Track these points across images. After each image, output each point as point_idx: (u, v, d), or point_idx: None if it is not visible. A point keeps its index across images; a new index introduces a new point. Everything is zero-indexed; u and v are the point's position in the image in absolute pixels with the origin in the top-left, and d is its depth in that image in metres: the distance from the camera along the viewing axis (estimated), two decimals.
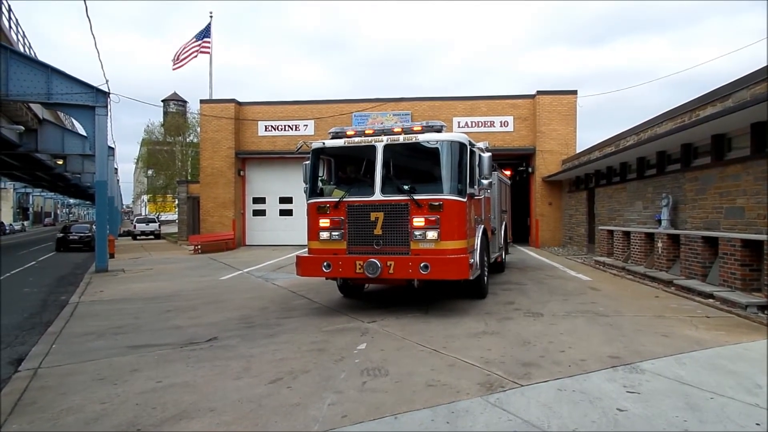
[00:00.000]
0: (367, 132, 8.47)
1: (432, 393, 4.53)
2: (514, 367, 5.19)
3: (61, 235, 28.04)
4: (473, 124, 23.19)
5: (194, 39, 28.74)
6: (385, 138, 8.13)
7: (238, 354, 6.01)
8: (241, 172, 24.97)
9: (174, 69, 28.92)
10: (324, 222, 8.14)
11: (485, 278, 9.26)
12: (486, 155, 8.52)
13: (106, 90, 16.42)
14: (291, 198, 24.53)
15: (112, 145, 32.71)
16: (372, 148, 8.10)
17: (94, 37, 22.11)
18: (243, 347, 6.32)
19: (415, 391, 4.59)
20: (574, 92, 22.71)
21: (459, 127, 22.90)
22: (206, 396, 4.63)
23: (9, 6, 20.75)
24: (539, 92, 22.71)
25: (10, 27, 20.97)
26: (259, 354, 5.98)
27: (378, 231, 7.79)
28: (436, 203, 7.57)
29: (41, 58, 19.12)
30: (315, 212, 8.28)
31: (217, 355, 5.99)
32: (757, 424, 3.76)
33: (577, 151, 21.60)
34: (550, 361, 5.38)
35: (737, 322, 7.09)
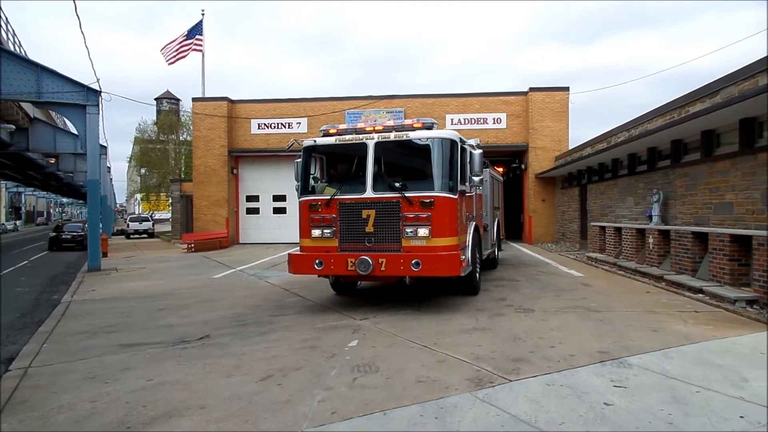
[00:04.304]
0: (358, 129, 8.48)
1: (422, 389, 4.56)
2: (504, 363, 5.23)
3: (54, 234, 27.90)
4: (466, 121, 23.23)
5: (185, 36, 28.55)
6: (376, 135, 8.15)
7: (230, 352, 6.03)
8: (234, 171, 24.90)
9: (170, 64, 28.67)
10: (316, 220, 8.16)
11: (477, 275, 9.30)
12: (477, 152, 8.54)
13: (98, 88, 16.35)
14: (284, 196, 24.49)
15: (105, 144, 32.57)
16: (363, 146, 8.12)
17: (83, 35, 22.12)
18: (235, 345, 6.33)
19: (405, 387, 4.62)
20: (567, 89, 22.78)
21: (452, 124, 22.92)
22: (197, 394, 4.64)
23: None
24: (532, 89, 22.76)
25: (0, 26, 20.81)
26: (251, 352, 5.99)
27: (369, 228, 7.82)
28: (428, 200, 7.60)
29: (32, 57, 18.97)
30: (307, 210, 8.30)
31: (209, 353, 6.00)
32: (741, 417, 3.81)
33: (570, 147, 21.68)
34: (539, 357, 5.42)
35: (726, 317, 7.16)
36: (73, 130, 23.08)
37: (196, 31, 28.73)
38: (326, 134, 8.70)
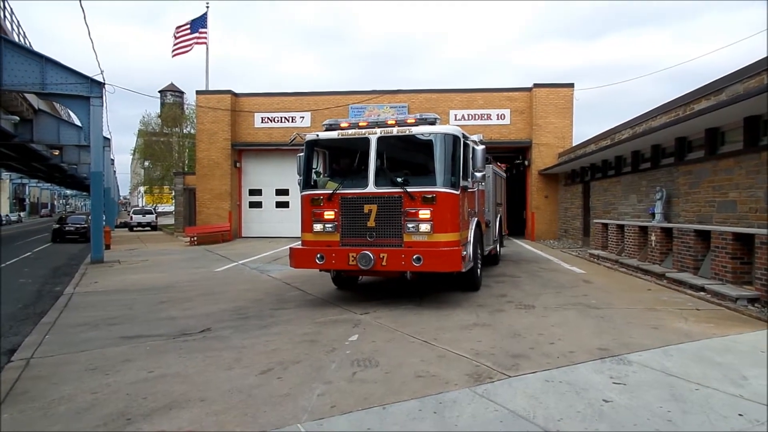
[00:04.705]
0: (360, 124, 8.48)
1: (421, 384, 4.57)
2: (504, 359, 5.24)
3: (57, 226, 27.99)
4: (470, 116, 23.16)
5: (188, 27, 28.49)
6: (378, 130, 8.14)
7: (231, 345, 6.05)
8: (238, 164, 24.91)
9: (174, 56, 28.67)
10: (317, 214, 8.16)
11: (478, 270, 9.30)
12: (479, 148, 8.53)
13: (101, 80, 16.36)
14: (287, 190, 24.49)
15: (108, 136, 32.60)
16: (366, 141, 8.11)
17: (87, 27, 22.19)
18: (236, 338, 6.35)
19: (404, 382, 4.64)
20: (571, 85, 22.67)
21: (456, 119, 22.86)
22: (197, 386, 4.66)
23: None
24: (536, 85, 22.66)
25: (5, 16, 20.80)
26: (252, 345, 6.02)
27: (371, 223, 7.82)
28: (430, 196, 7.59)
29: (36, 48, 18.97)
30: (309, 204, 8.30)
31: (210, 346, 6.02)
32: (740, 415, 3.81)
33: (573, 144, 21.61)
34: (539, 353, 5.43)
35: (727, 315, 7.15)
36: (77, 122, 23.11)
37: (200, 23, 28.70)
38: (329, 128, 8.69)
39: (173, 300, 9.16)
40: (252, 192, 25.56)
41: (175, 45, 28.62)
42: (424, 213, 7.58)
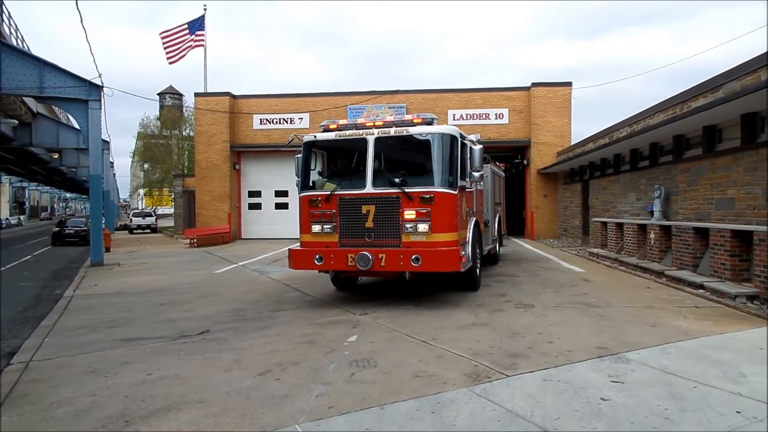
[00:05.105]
0: (358, 125, 8.49)
1: (419, 384, 4.57)
2: (502, 358, 5.24)
3: (57, 229, 28.03)
4: (468, 116, 23.16)
5: (186, 29, 28.42)
6: (376, 131, 8.14)
7: (230, 347, 6.05)
8: (237, 166, 24.91)
9: (171, 63, 28.61)
10: (316, 215, 8.17)
11: (477, 270, 9.30)
12: (477, 147, 8.53)
13: (100, 83, 16.38)
14: (286, 191, 24.46)
15: (107, 139, 32.64)
16: (363, 141, 8.11)
17: (85, 30, 22.16)
18: (235, 340, 6.36)
19: (403, 382, 4.64)
20: (569, 84, 22.67)
21: (454, 119, 22.86)
22: (195, 388, 4.67)
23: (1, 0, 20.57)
24: (534, 84, 22.66)
25: (2, 20, 20.81)
26: (250, 346, 6.02)
27: (369, 224, 7.82)
28: (427, 196, 7.60)
29: (34, 51, 19.01)
30: (307, 205, 8.31)
31: (209, 348, 6.02)
32: (738, 412, 3.81)
33: (572, 143, 21.61)
34: (537, 352, 5.43)
35: (725, 312, 7.15)
36: (76, 125, 23.13)
37: (197, 26, 28.64)
38: (326, 129, 8.70)
39: (173, 302, 9.16)
40: (251, 194, 25.55)
41: (168, 51, 28.43)
42: (422, 213, 7.58)
